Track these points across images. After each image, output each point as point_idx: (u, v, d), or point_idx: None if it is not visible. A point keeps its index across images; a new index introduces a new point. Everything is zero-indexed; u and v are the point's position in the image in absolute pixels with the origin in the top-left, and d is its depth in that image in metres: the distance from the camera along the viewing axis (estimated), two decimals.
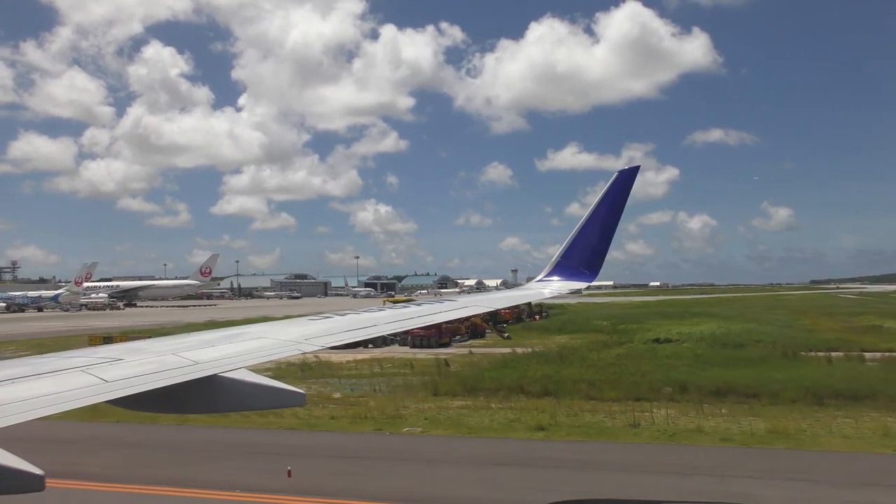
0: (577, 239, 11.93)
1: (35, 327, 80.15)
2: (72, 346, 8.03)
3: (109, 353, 5.98)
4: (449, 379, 32.94)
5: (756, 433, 20.79)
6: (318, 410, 26.56)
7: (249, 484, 16.41)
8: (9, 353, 48.22)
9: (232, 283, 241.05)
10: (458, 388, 30.54)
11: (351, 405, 27.39)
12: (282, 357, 6.55)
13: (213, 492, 15.87)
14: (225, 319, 76.60)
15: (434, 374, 35.85)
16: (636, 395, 28.04)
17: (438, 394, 29.69)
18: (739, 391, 27.70)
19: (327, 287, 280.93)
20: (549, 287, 12.10)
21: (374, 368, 39.16)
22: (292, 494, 15.63)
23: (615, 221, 11.62)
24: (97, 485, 16.71)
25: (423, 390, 30.94)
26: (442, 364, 38.74)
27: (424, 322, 9.99)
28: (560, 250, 12.27)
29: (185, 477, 17.22)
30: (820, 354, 38.86)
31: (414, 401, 28.36)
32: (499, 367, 36.53)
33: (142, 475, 17.51)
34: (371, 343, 53.45)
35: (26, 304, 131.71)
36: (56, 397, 4.66)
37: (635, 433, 21.66)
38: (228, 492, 15.86)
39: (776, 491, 15.29)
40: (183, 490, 16.04)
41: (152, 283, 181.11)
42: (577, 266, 11.92)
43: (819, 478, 16.44)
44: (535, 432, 22.08)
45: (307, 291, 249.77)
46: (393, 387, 32.37)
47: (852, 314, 79.06)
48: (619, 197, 11.58)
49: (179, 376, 5.40)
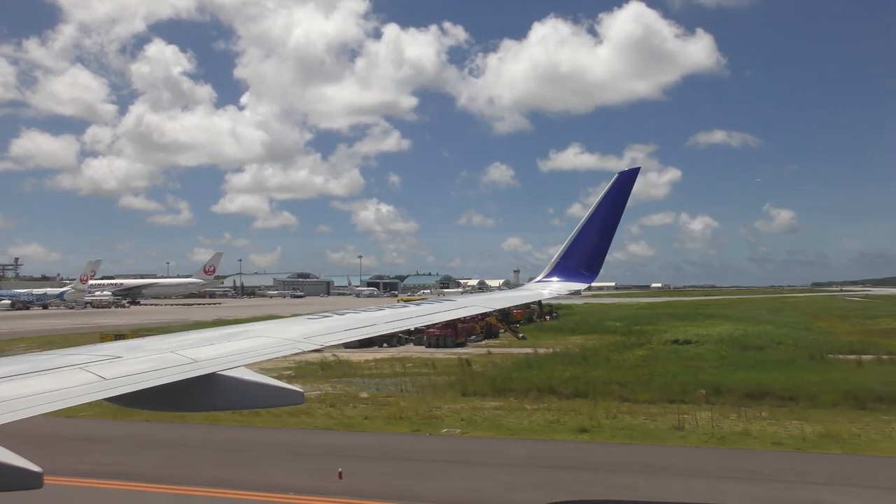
0: (576, 240, 11.93)
1: (43, 325, 79.71)
2: (84, 344, 7.79)
3: (109, 351, 5.97)
4: (476, 379, 32.47)
5: (808, 437, 20.31)
6: (350, 410, 26.11)
7: (302, 486, 15.95)
8: (19, 349, 47.72)
9: (235, 281, 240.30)
10: (487, 389, 30.10)
11: (381, 405, 26.93)
12: (282, 356, 6.54)
13: (267, 494, 15.41)
14: (233, 318, 76.18)
15: (457, 373, 35.51)
16: (669, 396, 27.65)
17: (467, 394, 29.23)
18: (776, 394, 27.25)
19: (329, 286, 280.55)
20: (549, 288, 12.11)
21: (395, 368, 38.73)
22: (347, 497, 15.16)
23: (615, 223, 11.65)
24: (144, 485, 16.25)
25: (451, 390, 30.51)
26: (464, 364, 38.33)
27: (423, 322, 9.91)
28: (560, 251, 12.26)
29: (234, 478, 16.75)
30: (850, 358, 38.36)
31: (444, 401, 27.91)
32: (524, 368, 36.07)
33: (186, 476, 17.04)
34: (385, 342, 53.14)
35: (31, 302, 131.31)
36: (55, 394, 4.61)
37: (682, 436, 21.20)
38: (283, 494, 15.39)
39: (850, 499, 14.83)
40: (236, 492, 15.57)
41: (156, 282, 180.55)
42: (577, 267, 11.95)
43: (891, 484, 15.98)
44: (578, 434, 21.62)
45: (309, 290, 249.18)
46: (419, 387, 31.91)
47: (866, 317, 78.67)
48: (619, 198, 11.60)
49: (178, 374, 5.40)
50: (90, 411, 22.49)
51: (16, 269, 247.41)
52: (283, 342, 6.72)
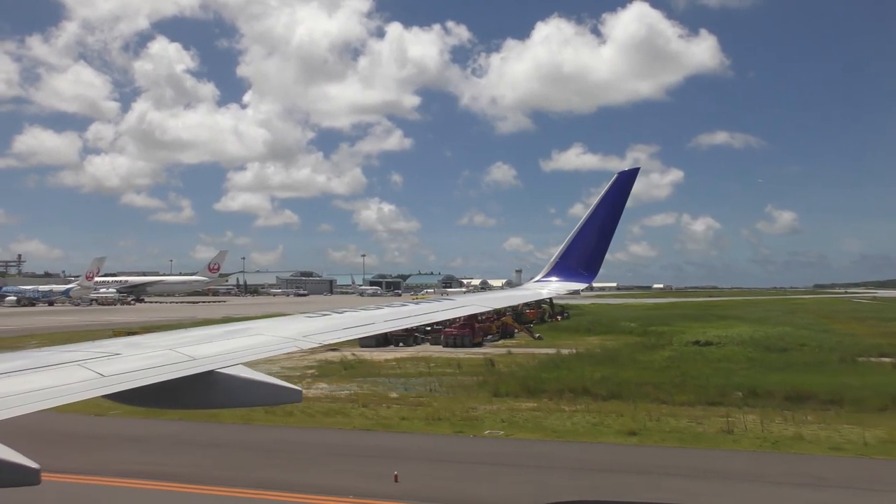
0: (575, 240, 11.89)
1: (52, 322, 79.10)
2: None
3: (107, 348, 5.94)
4: (506, 379, 31.90)
5: (869, 443, 19.72)
6: (384, 410, 25.55)
7: (358, 488, 15.38)
8: (32, 346, 47.14)
9: (238, 279, 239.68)
10: (518, 390, 29.54)
11: (415, 405, 26.38)
12: (280, 353, 6.52)
13: (323, 497, 14.85)
14: (241, 315, 75.55)
15: (483, 373, 35.11)
16: (706, 399, 27.08)
17: (499, 395, 28.66)
18: (818, 397, 26.65)
19: (332, 285, 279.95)
20: (548, 287, 12.07)
21: (418, 367, 38.17)
22: (409, 500, 14.59)
23: (614, 223, 11.64)
24: (196, 487, 15.68)
25: (482, 391, 29.94)
26: (489, 364, 37.85)
27: (421, 321, 9.98)
28: (559, 251, 12.20)
29: (282, 480, 16.19)
30: (885, 361, 37.74)
31: (477, 401, 27.35)
32: (551, 369, 35.49)
33: (238, 477, 16.47)
34: (401, 342, 52.64)
35: (37, 299, 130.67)
36: (53, 391, 4.57)
37: (734, 440, 20.63)
38: (340, 497, 14.82)
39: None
40: (289, 495, 15.01)
41: (161, 279, 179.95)
42: (576, 267, 11.93)
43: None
44: (626, 437, 21.04)
45: (312, 289, 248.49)
46: (449, 387, 31.35)
47: (882, 319, 78.04)
48: (618, 199, 11.58)
49: (177, 371, 5.37)
50: (120, 409, 21.96)
51: (19, 266, 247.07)
52: (281, 340, 6.70)
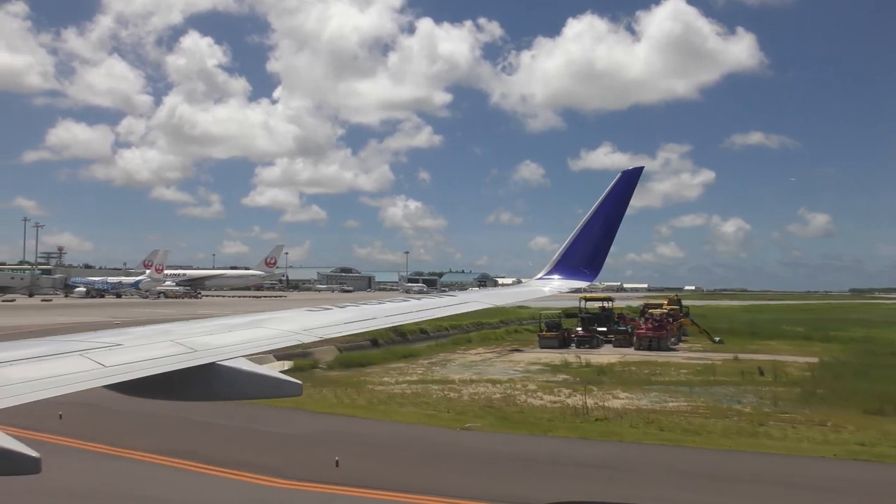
0: (578, 238, 11.89)
1: (132, 314, 73.89)
2: None
3: (109, 339, 5.72)
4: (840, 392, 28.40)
5: None
6: (806, 431, 21.77)
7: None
8: None
9: (284, 275, 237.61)
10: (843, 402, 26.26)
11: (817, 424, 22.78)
12: (281, 347, 6.51)
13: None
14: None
15: (756, 381, 32.33)
16: None
17: (870, 411, 24.95)
18: None
19: (371, 281, 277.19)
20: (550, 285, 12.03)
21: (679, 375, 35.20)
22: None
23: (617, 222, 11.65)
24: None
25: (804, 404, 26.53)
26: (758, 373, 34.45)
27: (423, 317, 9.75)
28: (561, 249, 12.25)
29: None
30: None
31: (842, 419, 23.74)
32: (839, 378, 32.11)
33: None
34: (587, 343, 49.28)
35: (105, 290, 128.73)
36: (54, 380, 4.50)
37: None
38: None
39: None
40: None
41: (221, 273, 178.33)
42: (578, 265, 11.92)
43: None
44: None
45: (352, 286, 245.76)
46: (762, 398, 28.03)
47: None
48: (622, 197, 11.57)
49: (177, 363, 5.27)
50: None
51: (60, 258, 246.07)
52: (283, 334, 6.62)
